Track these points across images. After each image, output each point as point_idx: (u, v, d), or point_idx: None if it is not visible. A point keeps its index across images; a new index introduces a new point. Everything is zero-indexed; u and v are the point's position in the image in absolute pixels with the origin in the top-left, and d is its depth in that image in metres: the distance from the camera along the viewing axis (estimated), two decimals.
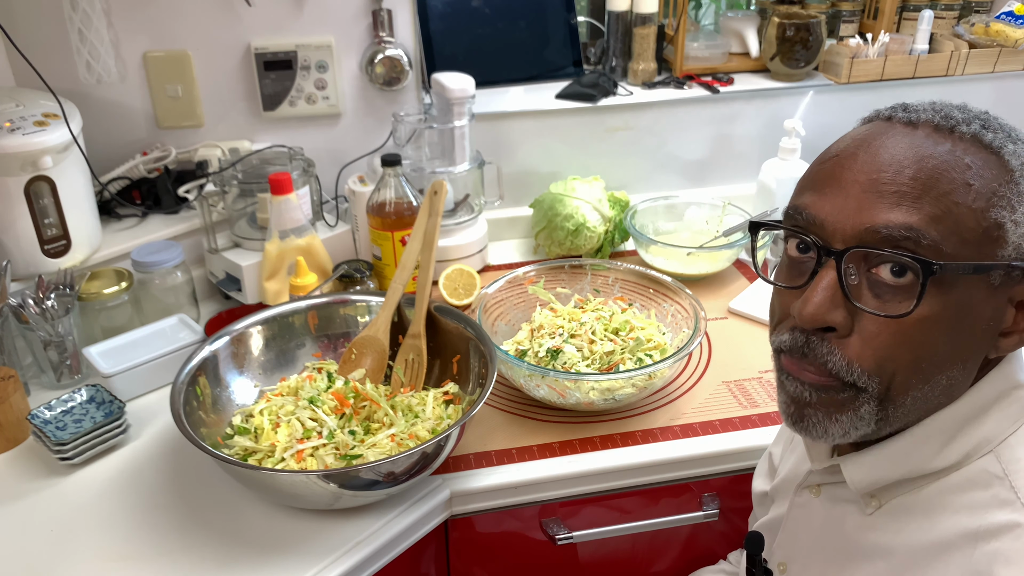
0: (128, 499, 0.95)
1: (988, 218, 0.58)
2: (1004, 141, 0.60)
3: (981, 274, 0.58)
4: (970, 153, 0.59)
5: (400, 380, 1.06)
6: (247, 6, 1.33)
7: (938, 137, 0.60)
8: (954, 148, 0.59)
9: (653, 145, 1.57)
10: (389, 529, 0.90)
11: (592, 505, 1.03)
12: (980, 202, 0.58)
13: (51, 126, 1.12)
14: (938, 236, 0.57)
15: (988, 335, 0.61)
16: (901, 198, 0.58)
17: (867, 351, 0.60)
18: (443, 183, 1.11)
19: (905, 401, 0.62)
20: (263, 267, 1.22)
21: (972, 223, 0.58)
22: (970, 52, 1.57)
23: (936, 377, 0.61)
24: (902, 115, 0.63)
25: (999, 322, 0.61)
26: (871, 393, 0.61)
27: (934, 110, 0.62)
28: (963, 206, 0.58)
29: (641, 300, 1.21)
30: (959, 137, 0.60)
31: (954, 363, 0.61)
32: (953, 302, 0.58)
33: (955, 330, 0.59)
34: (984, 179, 0.58)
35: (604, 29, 1.62)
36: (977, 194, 0.58)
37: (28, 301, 1.09)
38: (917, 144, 0.60)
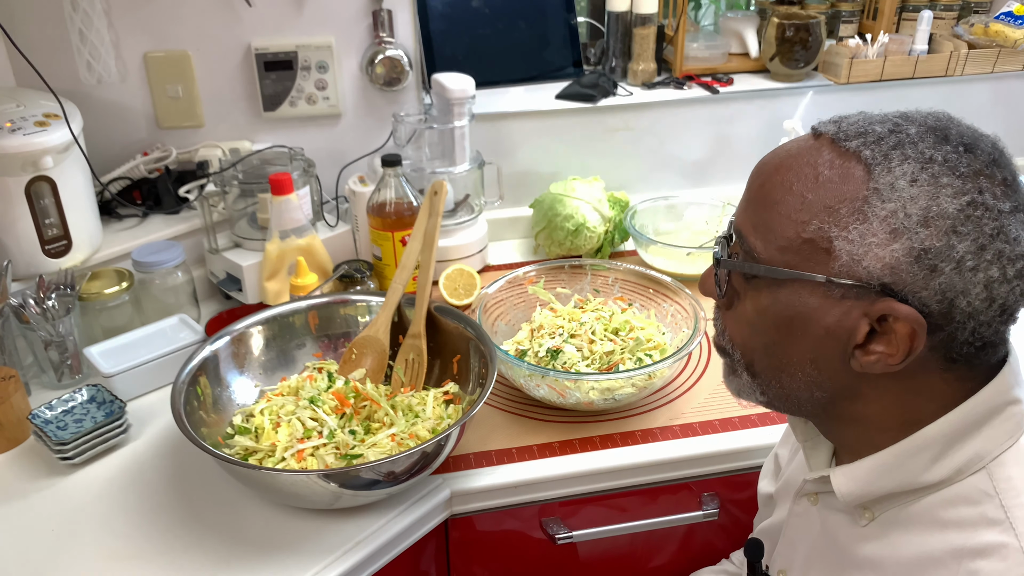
0: (129, 499, 0.95)
1: (809, 230, 0.60)
2: (885, 160, 0.58)
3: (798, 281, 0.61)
4: (835, 167, 0.60)
5: (400, 380, 1.07)
6: (247, 6, 1.33)
7: (825, 150, 0.61)
8: (820, 160, 0.61)
9: (653, 145, 1.57)
10: (389, 529, 0.90)
11: (592, 505, 1.03)
12: (804, 215, 0.60)
13: (52, 126, 1.12)
14: (755, 241, 0.63)
15: (835, 344, 0.61)
16: (748, 203, 0.65)
17: (731, 325, 0.69)
18: (443, 183, 1.11)
19: (774, 383, 0.67)
20: (263, 267, 1.22)
21: (791, 233, 0.61)
22: (969, 52, 1.57)
23: (791, 371, 0.65)
24: (819, 125, 0.64)
25: (847, 334, 0.60)
26: (739, 362, 0.69)
27: (847, 123, 0.62)
28: (784, 217, 0.61)
29: (641, 300, 1.21)
30: (840, 151, 0.60)
31: (804, 361, 0.64)
32: (782, 302, 0.62)
33: (790, 328, 0.63)
34: (824, 193, 0.59)
35: (604, 29, 1.62)
36: (805, 206, 0.60)
37: (29, 301, 1.09)
38: (793, 155, 0.63)
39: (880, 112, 0.64)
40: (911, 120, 0.61)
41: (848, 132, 0.61)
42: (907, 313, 0.57)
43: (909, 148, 0.58)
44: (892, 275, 0.57)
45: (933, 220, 0.56)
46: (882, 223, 0.57)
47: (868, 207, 0.58)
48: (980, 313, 0.57)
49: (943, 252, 0.56)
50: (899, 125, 0.61)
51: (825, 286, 0.60)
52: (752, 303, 0.65)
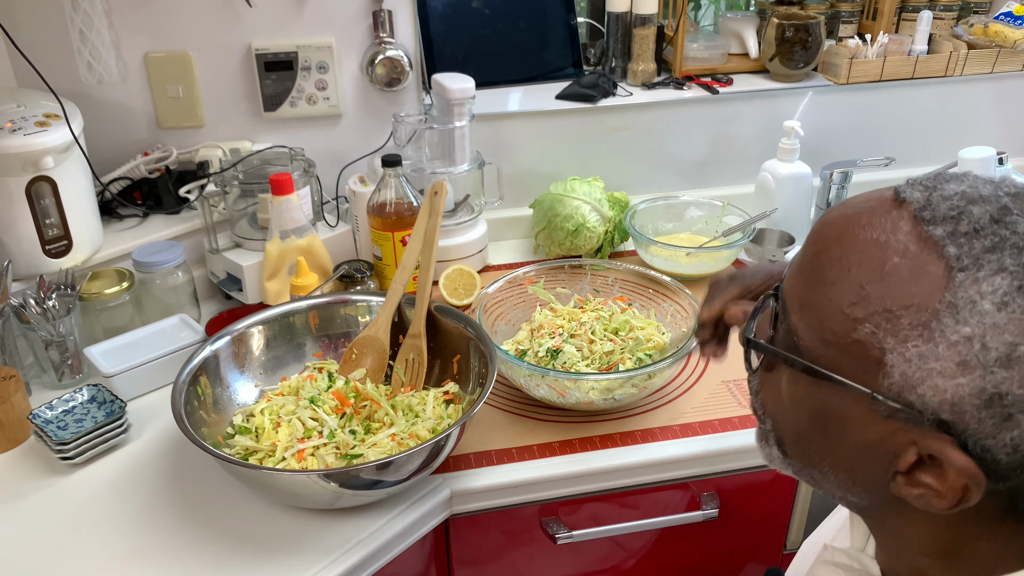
0: (129, 498, 0.95)
1: (861, 332, 0.48)
2: (976, 266, 0.46)
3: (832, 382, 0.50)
4: (908, 257, 0.47)
5: (400, 380, 1.07)
6: (248, 7, 1.33)
7: (898, 224, 0.49)
8: (892, 243, 0.48)
9: (653, 145, 1.57)
10: (389, 528, 0.90)
11: (592, 504, 1.03)
12: (859, 311, 0.48)
13: (52, 126, 1.12)
14: (799, 323, 0.52)
15: (876, 461, 0.51)
16: (800, 270, 0.54)
17: (765, 390, 0.59)
18: (443, 183, 1.11)
19: (805, 472, 0.58)
20: (264, 267, 1.22)
21: (838, 327, 0.50)
22: (969, 53, 1.58)
23: (824, 469, 0.55)
24: (906, 189, 0.51)
25: (890, 456, 0.50)
26: (769, 431, 0.59)
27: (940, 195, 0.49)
28: (835, 303, 0.50)
29: (641, 300, 1.21)
30: (920, 235, 0.48)
31: (838, 465, 0.54)
32: (820, 397, 0.52)
33: (825, 428, 0.53)
34: (887, 290, 0.48)
35: (604, 30, 1.63)
36: (862, 302, 0.48)
37: (29, 301, 1.09)
38: (862, 223, 0.50)
39: (990, 180, 0.50)
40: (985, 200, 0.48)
41: (938, 210, 0.48)
42: (962, 465, 0.46)
43: (1010, 255, 0.45)
44: (952, 413, 0.46)
45: (1018, 362, 0.44)
46: (951, 349, 0.45)
47: (937, 323, 0.46)
48: None
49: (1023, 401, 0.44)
50: (1007, 213, 0.47)
51: (870, 400, 0.49)
52: (788, 383, 0.55)
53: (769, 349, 0.55)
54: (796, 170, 1.45)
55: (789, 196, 1.45)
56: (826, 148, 1.58)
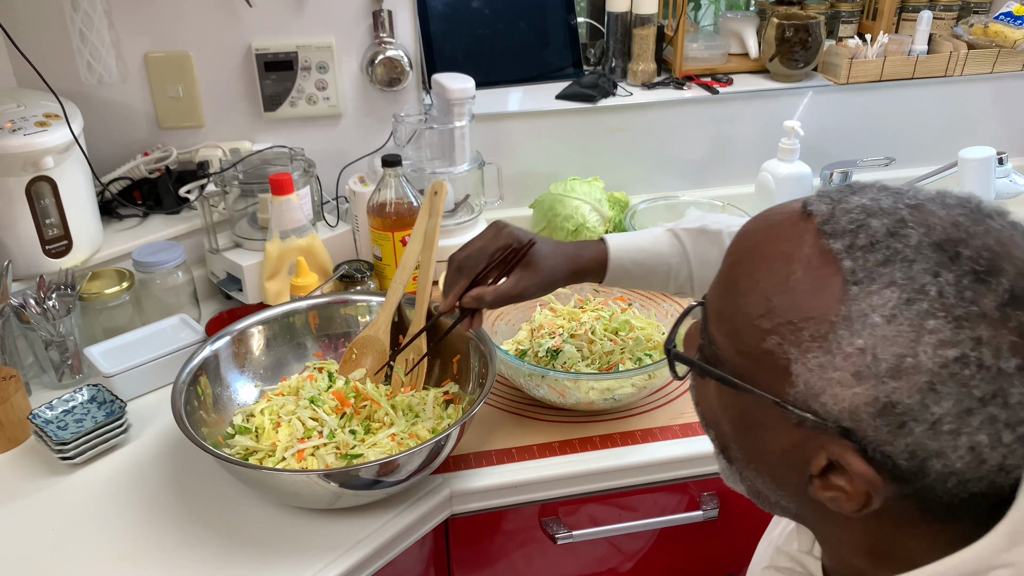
0: (129, 498, 0.95)
1: (769, 343, 0.50)
2: (867, 283, 0.47)
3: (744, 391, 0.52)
4: (810, 271, 0.49)
5: (401, 380, 1.07)
6: (248, 7, 1.33)
7: (803, 238, 0.50)
8: (797, 256, 0.49)
9: (653, 145, 1.57)
10: (389, 528, 0.90)
11: (592, 504, 1.03)
12: (766, 323, 0.50)
13: (52, 126, 1.12)
14: (717, 333, 0.54)
15: (793, 466, 0.53)
16: (719, 280, 0.55)
17: (702, 398, 0.60)
18: (443, 183, 1.11)
19: (744, 475, 0.59)
20: (264, 267, 1.22)
21: (750, 338, 0.51)
22: (969, 53, 1.58)
23: (750, 474, 0.57)
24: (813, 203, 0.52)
25: (804, 461, 0.51)
26: (714, 439, 0.60)
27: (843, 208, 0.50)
28: (745, 314, 0.51)
29: (641, 300, 1.21)
30: (822, 249, 0.49)
31: (762, 471, 0.56)
32: (740, 405, 0.54)
33: (748, 435, 0.55)
34: (791, 303, 0.49)
35: (604, 30, 1.63)
36: (769, 314, 0.50)
37: (29, 301, 1.09)
38: (772, 236, 0.52)
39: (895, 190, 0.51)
40: (921, 220, 0.48)
41: (839, 224, 0.49)
42: (860, 471, 0.48)
43: (900, 268, 0.46)
44: (852, 421, 0.47)
45: (906, 373, 0.45)
46: (847, 360, 0.47)
47: (834, 336, 0.47)
48: (964, 472, 0.47)
49: (914, 410, 0.46)
50: (902, 226, 0.48)
51: (781, 408, 0.50)
52: (715, 391, 0.56)
53: (685, 359, 0.58)
54: (796, 170, 1.45)
55: (789, 196, 1.43)
56: (826, 148, 1.58)
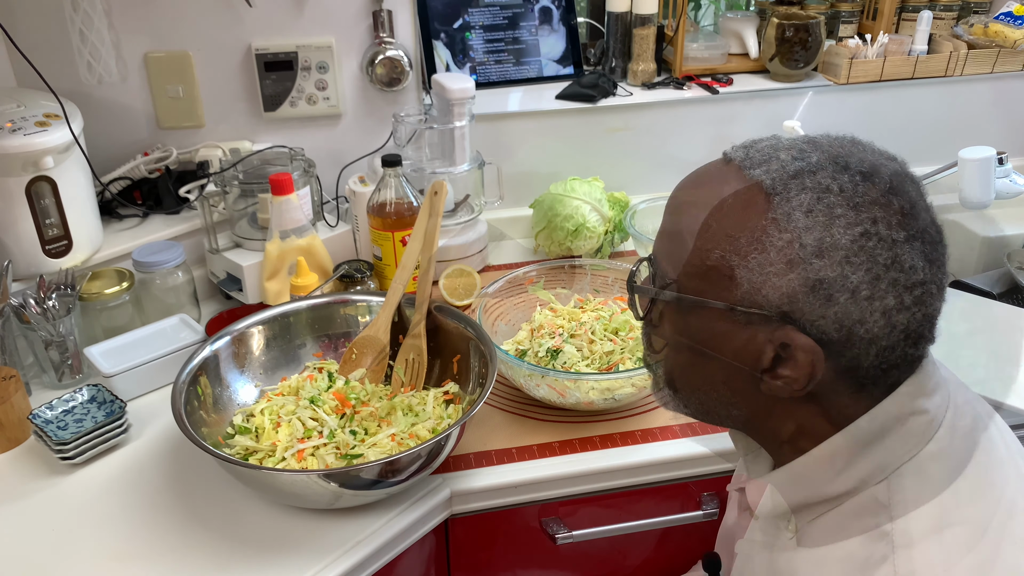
0: (129, 498, 0.95)
1: (712, 258, 0.61)
2: (784, 192, 0.59)
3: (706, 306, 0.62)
4: (738, 196, 0.61)
5: (401, 380, 1.07)
6: (248, 7, 1.33)
7: (731, 177, 0.62)
8: (726, 188, 0.62)
9: (653, 145, 1.57)
10: (389, 528, 0.90)
11: (592, 504, 1.03)
12: (707, 242, 0.61)
13: (52, 126, 1.12)
14: (666, 267, 0.65)
15: (744, 365, 0.62)
16: (662, 230, 0.68)
17: (654, 341, 0.70)
18: (443, 183, 1.11)
19: (693, 399, 0.69)
20: (264, 267, 1.22)
21: (695, 259, 0.62)
22: (969, 52, 1.58)
23: (707, 389, 0.67)
24: (731, 151, 0.65)
25: (754, 359, 0.62)
26: (660, 375, 0.70)
27: (755, 150, 0.63)
28: (689, 243, 0.63)
29: None
30: (745, 179, 0.61)
31: (717, 382, 0.65)
32: (693, 326, 0.64)
33: (701, 351, 0.64)
34: (727, 222, 0.60)
35: (604, 30, 1.63)
36: (709, 233, 0.61)
37: (29, 301, 1.09)
38: (703, 181, 0.65)
39: (791, 137, 0.65)
40: (816, 147, 0.62)
41: (754, 159, 0.62)
42: (803, 343, 0.58)
43: (808, 178, 0.59)
44: (790, 304, 0.58)
45: (827, 251, 0.57)
46: (779, 253, 0.58)
47: (766, 237, 0.59)
48: (882, 339, 0.58)
49: (837, 282, 0.57)
50: (803, 152, 0.61)
51: (730, 312, 0.61)
52: (668, 324, 0.67)
53: (647, 289, 0.68)
54: None
55: None
56: None
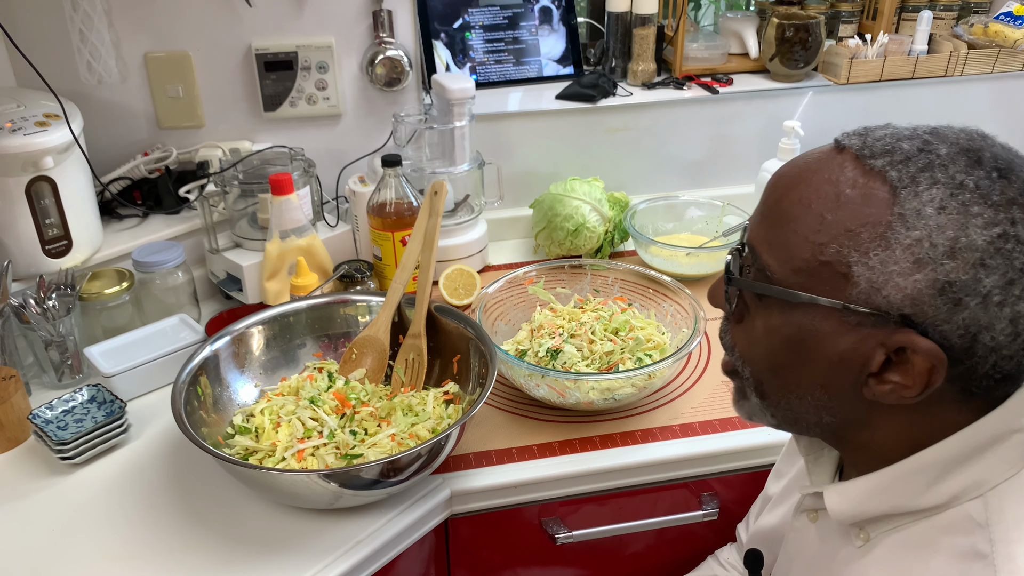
0: (129, 499, 0.95)
1: (827, 253, 0.57)
2: (912, 186, 0.55)
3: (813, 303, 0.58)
4: (857, 187, 0.57)
5: (400, 380, 1.07)
6: (248, 7, 1.33)
7: (847, 165, 0.58)
8: (842, 177, 0.58)
9: (653, 145, 1.57)
10: (389, 528, 0.90)
11: (592, 504, 1.03)
12: (823, 236, 0.57)
13: (52, 126, 1.12)
14: (769, 259, 0.60)
15: (848, 371, 0.59)
16: (763, 217, 0.63)
17: (740, 341, 0.66)
18: (443, 183, 1.11)
19: (780, 403, 0.65)
20: (264, 267, 1.22)
21: (807, 254, 0.58)
22: (969, 52, 1.58)
23: (800, 393, 0.63)
24: (843, 139, 0.62)
25: (862, 362, 0.58)
26: (749, 381, 0.66)
27: (872, 138, 0.60)
28: (801, 237, 0.58)
29: (641, 300, 1.21)
30: (864, 169, 0.57)
31: (814, 385, 0.62)
32: (794, 324, 0.60)
33: (800, 351, 0.61)
34: (845, 215, 0.57)
35: (604, 30, 1.63)
36: (824, 227, 0.57)
37: (29, 301, 1.09)
38: (813, 169, 0.60)
39: (908, 126, 0.61)
40: (942, 138, 0.58)
41: (874, 148, 0.58)
42: (927, 348, 0.55)
43: (939, 171, 0.55)
44: (913, 306, 0.55)
45: (960, 252, 0.53)
46: (905, 251, 0.54)
47: (891, 233, 0.55)
48: (1003, 347, 0.55)
49: (969, 286, 0.53)
50: (929, 144, 0.57)
51: (841, 312, 0.57)
52: (763, 321, 0.63)
53: (751, 283, 0.63)
54: None
55: None
56: None
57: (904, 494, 0.62)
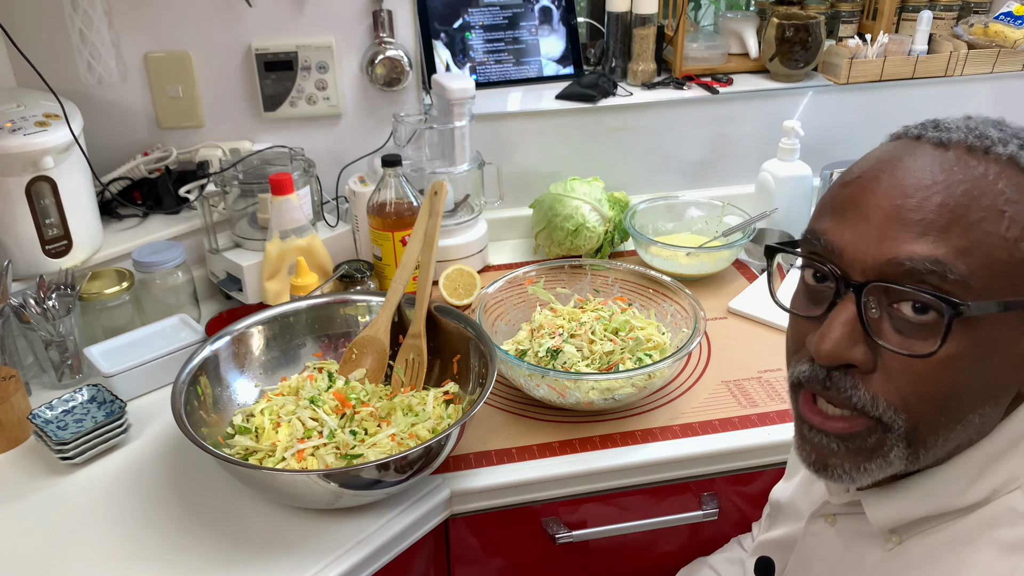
0: (129, 499, 0.95)
1: (1022, 249, 0.54)
2: None
3: (1014, 310, 0.54)
4: (1004, 177, 0.54)
5: (400, 380, 1.07)
6: (248, 7, 1.33)
7: (970, 159, 0.55)
8: (987, 172, 0.55)
9: (653, 145, 1.57)
10: (389, 529, 0.90)
11: (592, 504, 1.03)
12: (1014, 231, 0.53)
13: (52, 126, 1.12)
14: (966, 270, 0.53)
15: (1022, 369, 0.57)
16: (927, 227, 0.54)
17: (891, 387, 0.56)
18: (443, 183, 1.11)
19: (936, 442, 0.58)
20: (264, 267, 1.22)
21: (1004, 255, 0.53)
22: (969, 52, 1.57)
23: (968, 416, 0.57)
24: (932, 134, 0.58)
25: None
26: (898, 432, 0.57)
27: (968, 128, 0.57)
28: (995, 236, 0.53)
29: (641, 300, 1.21)
30: (994, 159, 0.55)
31: (986, 400, 0.57)
32: (983, 338, 0.54)
33: (985, 367, 0.55)
34: (1020, 205, 0.54)
35: (604, 30, 1.62)
36: (1011, 222, 0.53)
37: (29, 301, 1.09)
38: (947, 167, 0.55)
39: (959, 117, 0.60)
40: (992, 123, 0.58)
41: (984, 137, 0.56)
42: None
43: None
44: None
45: None
46: None
47: None
48: None
49: None
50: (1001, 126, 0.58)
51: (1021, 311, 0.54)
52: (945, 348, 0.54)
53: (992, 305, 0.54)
54: (796, 170, 1.44)
55: (789, 196, 1.45)
56: (826, 148, 1.57)
57: (946, 495, 0.60)
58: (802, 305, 0.62)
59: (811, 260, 0.60)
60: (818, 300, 0.60)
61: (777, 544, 0.82)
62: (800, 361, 0.61)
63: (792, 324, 0.64)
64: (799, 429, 0.63)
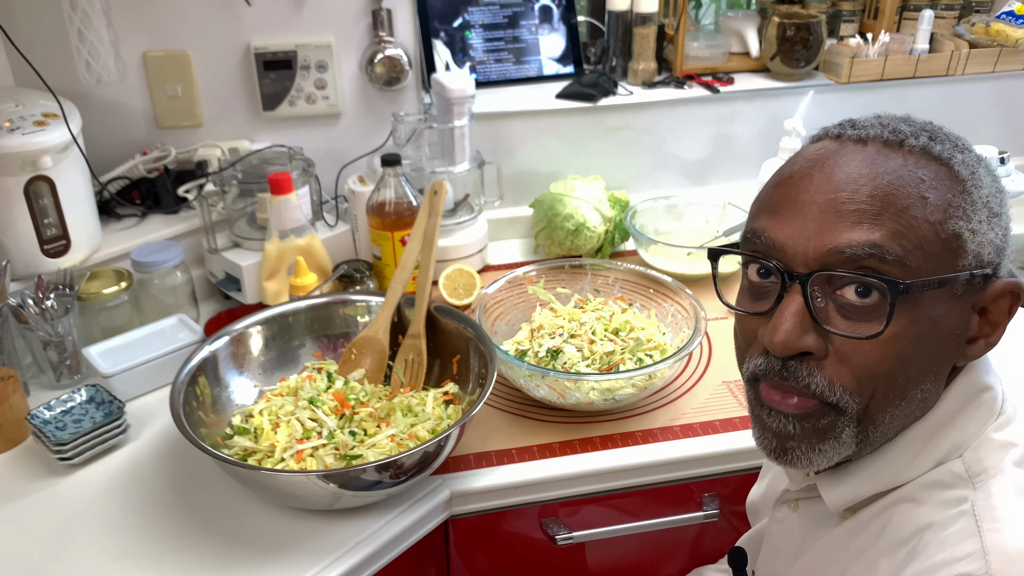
0: (128, 499, 0.95)
1: (946, 230, 0.58)
2: (952, 151, 0.60)
3: (945, 286, 0.59)
4: (921, 166, 0.59)
5: (400, 380, 1.06)
6: (247, 6, 1.33)
7: (889, 152, 0.60)
8: (905, 162, 0.59)
9: (653, 145, 1.57)
10: (389, 529, 0.90)
11: (592, 505, 1.03)
12: (937, 214, 0.58)
13: (51, 126, 1.12)
14: (901, 251, 0.57)
15: (956, 344, 0.62)
16: (861, 216, 0.58)
17: (845, 371, 0.60)
18: (443, 183, 1.11)
19: (884, 419, 0.62)
20: (263, 267, 1.22)
21: (932, 236, 0.58)
22: (970, 52, 1.57)
23: (912, 392, 0.62)
24: (851, 132, 0.63)
25: (965, 330, 0.62)
26: (851, 414, 0.61)
27: (881, 125, 0.62)
28: (921, 220, 0.58)
29: (641, 300, 1.21)
30: (908, 150, 0.60)
31: (927, 376, 0.62)
32: (922, 316, 0.59)
33: (925, 343, 0.60)
34: (938, 191, 0.59)
35: (604, 29, 1.62)
36: (933, 207, 0.58)
37: (28, 301, 1.08)
38: (870, 160, 0.60)
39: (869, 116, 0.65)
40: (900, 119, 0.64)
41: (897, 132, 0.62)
42: (1009, 286, 0.61)
43: (945, 141, 0.61)
44: (997, 255, 0.60)
45: (998, 196, 0.61)
46: (984, 209, 0.60)
47: (969, 197, 0.59)
48: None
49: (1007, 223, 0.61)
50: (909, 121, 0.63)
51: (950, 287, 0.59)
52: (890, 329, 0.58)
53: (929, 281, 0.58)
54: None
55: None
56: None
57: (895, 471, 0.64)
58: (748, 303, 0.66)
59: (755, 257, 0.63)
60: (764, 296, 0.64)
61: (751, 538, 0.86)
62: (754, 356, 0.65)
63: (740, 323, 0.68)
64: (758, 418, 0.66)
